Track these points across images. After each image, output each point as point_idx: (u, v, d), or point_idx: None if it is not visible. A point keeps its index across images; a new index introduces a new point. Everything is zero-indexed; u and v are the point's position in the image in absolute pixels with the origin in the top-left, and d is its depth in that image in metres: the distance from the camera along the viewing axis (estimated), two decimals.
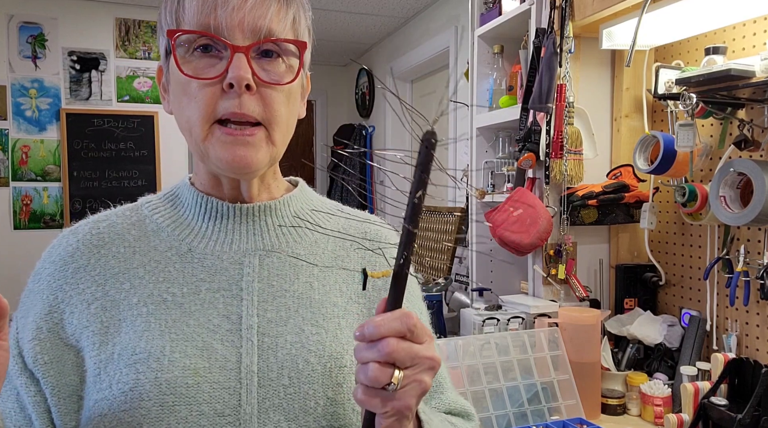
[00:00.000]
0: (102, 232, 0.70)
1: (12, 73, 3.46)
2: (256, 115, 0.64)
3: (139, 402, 0.61)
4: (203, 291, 0.67)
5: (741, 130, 1.47)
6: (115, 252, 0.68)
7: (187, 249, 0.69)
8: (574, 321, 1.58)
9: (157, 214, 0.72)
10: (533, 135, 1.81)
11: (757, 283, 1.45)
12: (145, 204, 0.74)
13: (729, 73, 1.32)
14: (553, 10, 1.75)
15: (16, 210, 3.48)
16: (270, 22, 0.64)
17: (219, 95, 0.63)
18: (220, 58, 0.64)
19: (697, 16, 1.51)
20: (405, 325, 0.52)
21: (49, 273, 0.68)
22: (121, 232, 0.70)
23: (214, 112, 0.63)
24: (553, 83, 1.71)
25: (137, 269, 0.67)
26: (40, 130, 3.51)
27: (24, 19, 3.48)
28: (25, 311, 0.68)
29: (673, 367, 1.62)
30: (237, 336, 0.65)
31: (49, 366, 0.65)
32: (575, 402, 1.52)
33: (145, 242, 0.69)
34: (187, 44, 0.64)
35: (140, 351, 0.63)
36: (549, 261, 1.81)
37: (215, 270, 0.68)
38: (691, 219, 1.63)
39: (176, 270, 0.68)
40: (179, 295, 0.66)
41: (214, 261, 0.68)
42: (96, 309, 0.65)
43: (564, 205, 1.78)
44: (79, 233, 0.71)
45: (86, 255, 0.68)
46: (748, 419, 1.29)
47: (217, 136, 0.64)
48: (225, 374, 0.63)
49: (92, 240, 0.70)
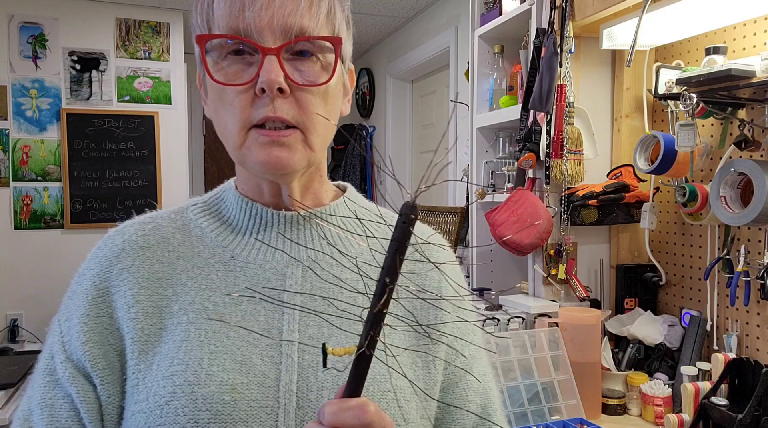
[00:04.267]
0: (147, 234, 0.68)
1: (12, 73, 3.46)
2: (291, 118, 0.61)
3: (174, 418, 0.58)
4: (245, 302, 0.64)
5: (741, 130, 1.47)
6: (160, 256, 0.66)
7: (230, 257, 0.67)
8: (574, 321, 1.58)
9: (202, 219, 0.70)
10: (533, 135, 1.81)
11: (757, 283, 1.45)
12: (190, 207, 0.72)
13: (729, 73, 1.32)
14: (554, 10, 1.75)
15: (17, 210, 3.48)
16: (301, 19, 0.60)
17: (252, 101, 0.61)
18: (251, 62, 0.61)
19: (698, 16, 1.51)
20: (358, 420, 0.47)
21: (94, 273, 0.66)
22: (166, 236, 0.68)
23: (249, 118, 0.61)
24: (554, 83, 1.71)
25: (180, 275, 0.65)
26: (40, 130, 3.51)
27: (24, 19, 3.48)
28: (68, 313, 0.66)
29: (674, 367, 1.62)
30: (277, 352, 0.62)
31: (107, 372, 0.63)
32: (576, 402, 1.52)
33: (189, 247, 0.67)
34: (219, 49, 0.62)
35: (178, 363, 0.60)
36: (549, 261, 1.81)
37: (258, 281, 0.65)
38: (692, 219, 1.63)
39: (219, 278, 0.65)
40: (221, 305, 0.64)
41: (256, 270, 0.66)
42: (136, 313, 0.63)
43: (564, 205, 1.78)
44: (125, 234, 0.69)
45: (131, 257, 0.66)
46: (748, 419, 1.29)
47: (253, 138, 0.61)
48: (263, 392, 0.60)
49: (138, 241, 0.67)
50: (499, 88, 2.11)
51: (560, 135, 1.73)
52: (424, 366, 0.68)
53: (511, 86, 2.06)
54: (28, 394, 0.65)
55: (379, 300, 0.46)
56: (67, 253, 3.49)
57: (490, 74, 2.15)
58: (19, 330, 3.32)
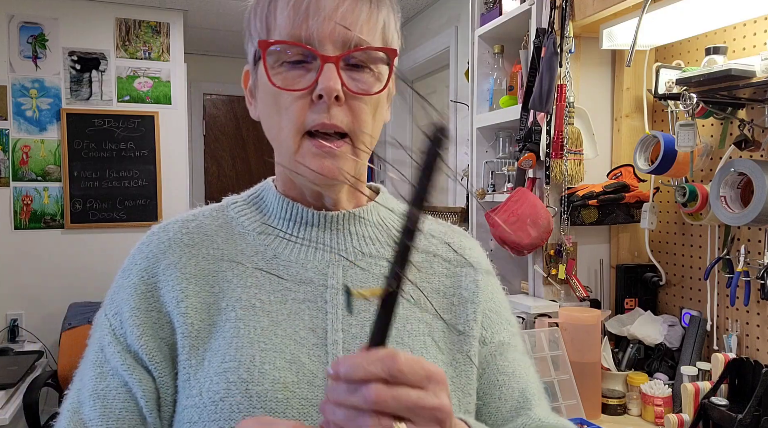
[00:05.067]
0: (191, 232, 0.69)
1: (12, 73, 3.46)
2: (344, 125, 0.63)
3: (229, 414, 0.59)
4: (289, 301, 0.65)
5: (741, 130, 1.47)
6: (205, 254, 0.67)
7: (272, 255, 0.68)
8: (574, 321, 1.58)
9: (244, 217, 0.71)
10: (533, 135, 1.81)
11: (757, 283, 1.45)
12: (230, 204, 0.73)
13: (729, 73, 1.32)
14: (554, 10, 1.75)
15: (17, 210, 3.48)
16: (360, 31, 0.63)
17: (308, 107, 0.62)
18: (309, 69, 0.63)
19: (698, 16, 1.51)
20: (387, 370, 0.43)
21: (141, 267, 0.67)
22: (209, 233, 0.69)
23: (303, 123, 0.63)
24: (554, 83, 1.71)
25: (225, 272, 0.66)
26: (40, 130, 3.51)
27: (24, 19, 3.48)
28: (116, 308, 0.66)
29: (674, 367, 1.62)
30: (323, 352, 0.63)
31: (163, 365, 0.63)
32: (576, 402, 1.52)
33: (232, 245, 0.68)
34: (276, 55, 0.63)
35: (230, 359, 0.61)
36: (549, 261, 1.81)
37: (300, 280, 0.66)
38: (692, 219, 1.63)
39: (263, 276, 0.66)
40: (267, 303, 0.65)
41: (298, 269, 0.67)
42: (186, 308, 0.64)
43: (564, 204, 1.78)
44: (170, 231, 0.69)
45: (177, 253, 0.67)
46: (748, 419, 1.29)
47: (307, 148, 0.63)
48: (313, 391, 0.61)
49: (183, 238, 0.68)
50: (499, 88, 2.11)
51: (560, 135, 1.73)
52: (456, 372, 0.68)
53: (511, 86, 2.06)
54: (76, 387, 0.65)
55: (407, 235, 0.42)
56: (67, 253, 3.49)
57: (490, 74, 2.15)
58: (19, 330, 3.31)
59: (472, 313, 0.71)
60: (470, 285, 0.72)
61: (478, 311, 0.71)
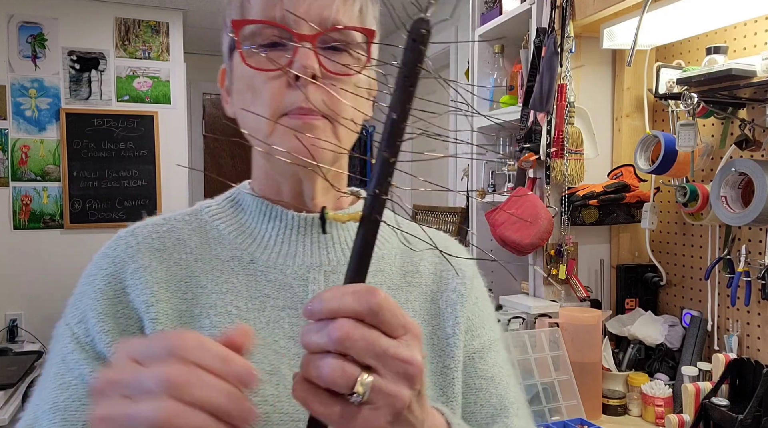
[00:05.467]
0: (162, 236, 0.65)
1: (12, 73, 3.46)
2: (322, 107, 0.59)
3: None
4: (268, 308, 0.61)
5: (742, 130, 1.47)
6: (177, 259, 0.63)
7: (249, 260, 0.64)
8: (574, 322, 1.58)
9: (219, 220, 0.67)
10: (534, 135, 1.80)
11: (758, 283, 1.45)
12: (204, 209, 0.69)
13: (730, 73, 1.31)
14: (554, 10, 1.75)
15: (16, 210, 3.48)
16: (336, 13, 0.60)
17: (285, 88, 0.59)
18: (285, 51, 0.60)
19: (698, 16, 1.51)
20: (363, 305, 0.38)
21: (108, 272, 0.62)
22: (182, 238, 0.65)
23: (280, 105, 0.59)
24: (554, 83, 1.71)
25: (199, 277, 0.62)
26: (39, 130, 3.51)
27: (24, 18, 3.48)
28: (80, 315, 0.61)
29: (674, 368, 1.61)
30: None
31: None
32: (576, 402, 1.51)
33: (207, 250, 0.64)
34: (252, 39, 0.61)
35: None
36: (550, 261, 1.81)
37: (280, 286, 0.63)
38: (692, 219, 1.63)
39: (239, 282, 0.62)
40: (244, 310, 0.61)
41: (277, 275, 0.63)
42: (156, 314, 0.59)
43: (565, 204, 1.77)
44: (139, 235, 0.65)
45: (147, 257, 0.62)
46: (749, 419, 1.28)
47: (284, 124, 0.60)
48: (295, 405, 0.55)
49: (153, 243, 0.64)
50: (499, 88, 2.11)
51: (561, 135, 1.73)
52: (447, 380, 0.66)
53: (511, 86, 2.06)
54: (33, 404, 0.61)
55: (388, 147, 0.37)
56: (66, 253, 3.49)
57: (491, 74, 2.15)
58: (19, 330, 3.31)
59: (460, 315, 0.68)
60: (458, 287, 0.70)
61: (464, 314, 0.69)
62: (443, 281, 0.70)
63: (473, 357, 0.69)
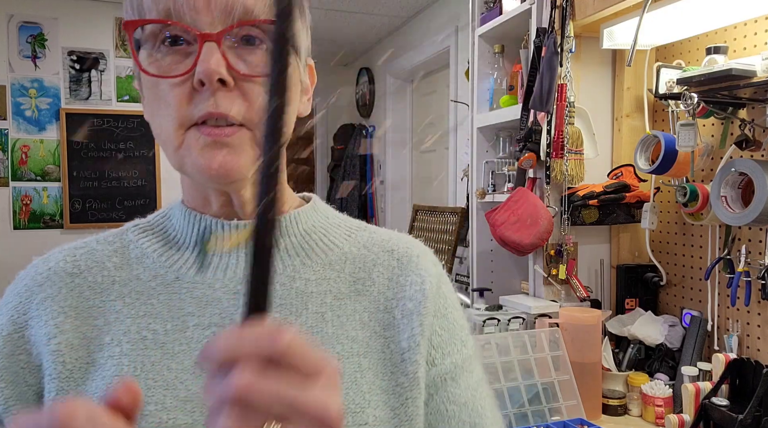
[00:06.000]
0: (78, 260, 0.60)
1: (12, 73, 3.46)
2: (236, 114, 0.52)
3: None
4: (190, 328, 0.56)
5: (742, 130, 1.47)
6: (91, 282, 0.58)
7: (174, 278, 0.58)
8: (574, 322, 1.58)
9: (144, 239, 0.61)
10: (534, 135, 1.81)
11: (758, 283, 1.45)
12: (131, 228, 0.63)
13: (730, 73, 1.31)
14: (554, 10, 1.75)
15: (16, 210, 3.48)
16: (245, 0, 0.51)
17: (190, 95, 0.52)
18: (189, 52, 0.52)
19: (698, 16, 1.51)
20: (269, 347, 0.32)
21: (12, 306, 0.58)
22: (100, 260, 0.60)
23: (188, 115, 0.52)
24: (554, 83, 1.71)
25: (114, 302, 0.57)
26: (39, 130, 3.51)
27: (24, 18, 3.48)
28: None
29: (674, 368, 1.61)
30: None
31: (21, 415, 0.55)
32: (576, 402, 1.51)
33: (126, 271, 0.59)
34: (152, 39, 0.53)
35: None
36: (550, 261, 1.81)
37: (206, 302, 0.57)
38: (692, 219, 1.63)
39: (160, 302, 0.57)
40: (161, 332, 0.55)
41: (204, 290, 0.57)
42: (58, 344, 0.55)
43: (565, 204, 1.77)
44: (51, 261, 0.60)
45: (57, 285, 0.58)
46: (749, 419, 1.28)
47: (193, 138, 0.53)
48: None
49: (66, 267, 0.59)
50: (499, 88, 2.11)
51: (561, 135, 1.73)
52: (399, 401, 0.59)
53: (511, 86, 2.06)
54: None
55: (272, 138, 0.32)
56: None
57: (491, 74, 2.15)
58: None
59: (418, 326, 0.60)
60: (416, 294, 0.62)
61: (425, 324, 0.61)
62: (399, 288, 0.62)
63: (445, 379, 0.62)
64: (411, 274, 0.63)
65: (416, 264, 0.64)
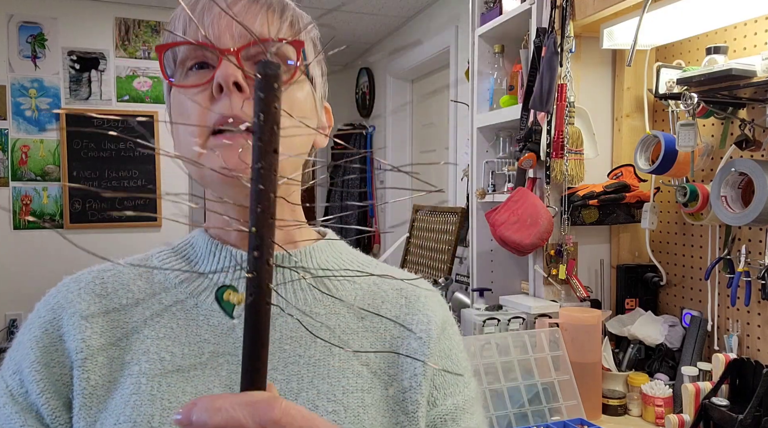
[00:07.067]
0: (106, 282, 0.63)
1: (12, 73, 3.46)
2: (249, 118, 0.55)
3: None
4: (206, 354, 0.58)
5: (742, 130, 1.47)
6: (117, 304, 0.61)
7: (193, 305, 0.61)
8: (574, 322, 1.58)
9: (168, 264, 0.65)
10: (534, 135, 1.80)
11: (758, 283, 1.45)
12: (156, 253, 0.67)
13: (730, 73, 1.31)
14: (554, 10, 1.75)
15: (16, 210, 3.48)
16: (261, 27, 0.58)
17: (209, 101, 0.57)
18: (212, 69, 0.58)
19: (698, 16, 1.51)
20: (257, 420, 0.32)
21: (45, 320, 0.60)
22: (126, 283, 0.63)
23: (206, 121, 0.57)
24: (554, 83, 1.71)
25: (137, 323, 0.60)
26: (39, 130, 3.51)
27: (24, 18, 3.48)
28: (15, 365, 0.59)
29: (674, 368, 1.61)
30: None
31: (68, 425, 0.56)
32: (576, 402, 1.51)
33: (150, 294, 0.62)
34: (182, 67, 0.59)
35: (124, 420, 0.53)
36: (550, 261, 1.81)
37: (221, 331, 0.59)
38: (693, 219, 1.63)
39: (179, 326, 0.59)
40: (179, 356, 0.58)
41: (220, 319, 0.60)
42: (83, 361, 0.57)
43: (565, 204, 1.77)
44: (82, 280, 0.63)
45: (86, 302, 0.61)
46: (749, 419, 1.29)
47: (213, 144, 0.56)
48: None
49: (95, 288, 0.62)
50: (499, 88, 2.11)
51: (561, 135, 1.73)
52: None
53: (511, 86, 2.06)
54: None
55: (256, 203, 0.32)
56: (66, 253, 3.49)
57: (491, 74, 2.15)
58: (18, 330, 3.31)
59: (421, 366, 0.62)
60: (422, 334, 0.64)
61: (427, 368, 0.62)
62: (406, 326, 0.65)
63: (445, 419, 0.63)
64: (418, 314, 0.65)
65: (423, 303, 0.66)
